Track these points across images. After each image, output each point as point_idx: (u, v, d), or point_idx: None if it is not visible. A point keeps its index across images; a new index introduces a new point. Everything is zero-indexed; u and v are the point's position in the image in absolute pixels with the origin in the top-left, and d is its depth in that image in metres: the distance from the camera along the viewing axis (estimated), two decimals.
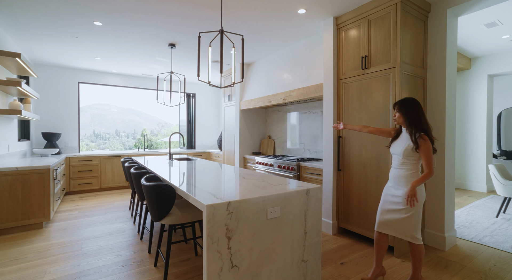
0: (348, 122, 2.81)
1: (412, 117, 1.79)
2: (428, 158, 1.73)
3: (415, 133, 1.77)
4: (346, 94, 2.82)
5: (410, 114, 1.80)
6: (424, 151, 1.73)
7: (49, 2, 2.59)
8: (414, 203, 1.77)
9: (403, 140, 1.86)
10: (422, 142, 1.74)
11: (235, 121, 4.96)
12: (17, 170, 2.89)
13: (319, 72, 3.28)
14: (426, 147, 1.73)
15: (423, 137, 1.74)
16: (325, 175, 3.00)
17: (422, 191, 1.83)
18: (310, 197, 1.78)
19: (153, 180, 2.11)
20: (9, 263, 2.23)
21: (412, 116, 1.80)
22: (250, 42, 3.72)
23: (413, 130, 1.78)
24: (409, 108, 1.81)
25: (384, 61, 2.44)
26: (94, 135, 14.58)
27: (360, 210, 2.68)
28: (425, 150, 1.73)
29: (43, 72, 4.83)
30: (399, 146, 1.87)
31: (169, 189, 1.85)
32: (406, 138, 1.84)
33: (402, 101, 1.86)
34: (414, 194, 1.75)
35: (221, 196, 1.53)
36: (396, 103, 1.89)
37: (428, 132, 1.78)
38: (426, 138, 1.74)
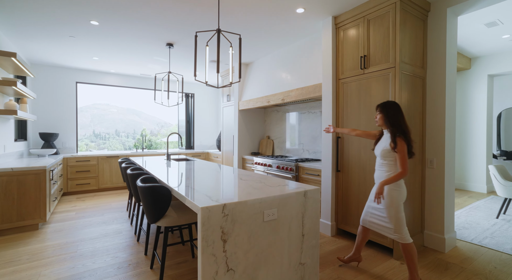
0: (347, 122, 2.78)
1: (392, 119, 1.89)
2: (401, 157, 1.81)
3: (395, 133, 1.86)
4: (345, 94, 2.80)
5: (391, 116, 1.90)
6: (399, 150, 1.82)
7: (45, 0, 2.56)
8: (380, 200, 1.87)
9: (383, 141, 1.96)
10: (398, 141, 1.83)
11: (234, 121, 4.93)
12: (13, 170, 2.86)
13: (318, 72, 3.25)
14: (400, 147, 1.82)
15: (400, 138, 1.84)
16: (323, 176, 2.97)
17: (400, 191, 1.88)
18: (308, 198, 1.75)
19: (149, 181, 2.08)
20: (3, 266, 2.19)
21: (392, 118, 1.89)
22: (248, 42, 3.69)
23: (393, 131, 1.88)
24: (390, 110, 1.91)
25: (383, 61, 2.42)
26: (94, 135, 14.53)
27: (359, 212, 2.65)
28: (399, 150, 1.82)
29: (40, 72, 4.80)
30: (379, 147, 1.98)
31: (165, 190, 1.83)
32: (386, 139, 1.94)
33: (384, 103, 1.96)
34: (381, 192, 1.84)
35: (217, 198, 1.50)
36: (378, 105, 1.99)
37: (407, 134, 1.86)
38: (402, 139, 1.83)
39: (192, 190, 1.72)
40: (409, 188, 2.43)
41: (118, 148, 8.89)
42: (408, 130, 1.88)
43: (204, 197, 1.53)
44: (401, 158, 1.81)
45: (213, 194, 1.59)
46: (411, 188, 2.46)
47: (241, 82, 4.83)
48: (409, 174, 2.43)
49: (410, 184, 2.44)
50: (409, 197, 2.43)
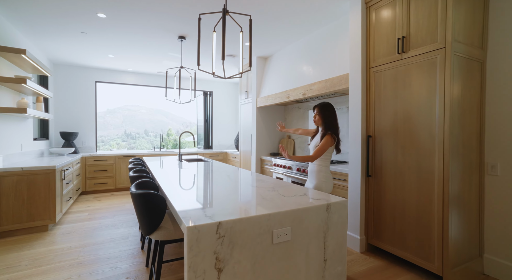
0: (380, 119, 2.33)
1: (328, 120, 2.12)
2: (320, 148, 2.05)
3: (326, 131, 2.09)
4: (377, 85, 2.35)
5: (327, 117, 2.12)
6: (323, 141, 2.05)
7: None
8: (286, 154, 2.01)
9: (317, 137, 2.17)
10: (326, 136, 2.05)
11: (252, 119, 4.62)
12: (23, 170, 2.80)
13: (344, 62, 2.82)
14: (326, 140, 2.05)
15: (328, 135, 2.06)
16: (351, 182, 2.54)
17: (328, 183, 2.12)
18: (332, 213, 1.38)
19: (147, 186, 1.83)
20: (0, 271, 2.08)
21: (329, 119, 2.12)
22: (266, 33, 3.35)
23: (325, 129, 2.11)
24: (327, 112, 2.13)
25: (428, 41, 1.94)
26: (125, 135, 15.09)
27: (396, 226, 2.20)
28: (324, 142, 2.05)
29: (61, 72, 4.87)
30: (313, 143, 2.19)
31: (159, 198, 1.55)
32: (319, 136, 2.15)
33: (322, 105, 2.15)
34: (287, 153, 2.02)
35: (213, 212, 1.19)
36: (316, 106, 2.17)
37: (337, 133, 2.12)
38: (330, 136, 2.05)
39: (185, 200, 1.42)
40: (461, 198, 1.93)
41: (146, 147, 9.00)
42: (338, 131, 2.14)
43: (196, 211, 1.22)
44: (320, 148, 2.05)
45: (210, 207, 1.28)
46: (463, 198, 1.96)
47: (259, 77, 4.51)
48: (459, 182, 1.94)
49: (461, 193, 1.94)
50: (459, 210, 1.93)
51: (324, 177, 2.11)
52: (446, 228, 1.86)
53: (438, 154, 1.89)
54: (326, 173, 2.12)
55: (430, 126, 1.94)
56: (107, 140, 13.79)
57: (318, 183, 2.11)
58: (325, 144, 2.04)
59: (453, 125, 1.85)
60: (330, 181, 2.13)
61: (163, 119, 15.89)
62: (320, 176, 2.11)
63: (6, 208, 2.75)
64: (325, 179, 2.11)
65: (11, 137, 3.13)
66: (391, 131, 2.23)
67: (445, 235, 1.86)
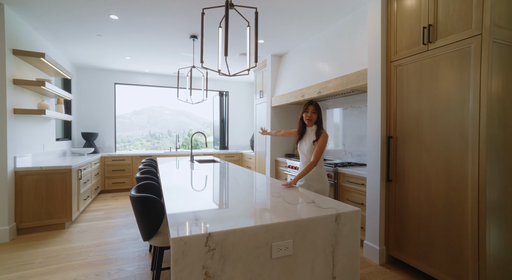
0: (402, 118, 2.10)
1: (321, 117, 2.07)
2: (319, 148, 1.95)
3: (319, 129, 2.03)
4: (399, 81, 2.12)
5: (321, 115, 2.08)
6: (320, 141, 1.97)
7: None
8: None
9: (309, 138, 2.07)
10: (323, 134, 1.98)
11: (266, 119, 4.49)
12: (41, 169, 2.90)
13: (362, 56, 2.60)
14: (324, 138, 1.98)
15: (323, 132, 2.00)
16: (369, 186, 2.33)
17: (324, 186, 2.03)
18: (342, 225, 1.22)
19: (148, 189, 1.78)
20: (15, 268, 2.14)
21: (321, 116, 2.08)
22: (280, 29, 3.21)
23: (319, 127, 2.05)
24: (320, 109, 2.09)
25: (460, 28, 1.70)
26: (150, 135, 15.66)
27: (421, 237, 1.96)
28: (323, 140, 1.97)
29: (83, 74, 5.07)
30: (305, 144, 2.08)
31: (158, 203, 1.48)
32: (311, 135, 2.06)
33: (316, 102, 2.09)
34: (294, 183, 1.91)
35: (206, 220, 1.08)
36: (311, 103, 2.07)
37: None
38: (326, 133, 2.00)
39: (180, 206, 1.33)
40: (501, 208, 1.67)
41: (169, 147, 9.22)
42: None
43: (188, 218, 1.12)
44: (321, 148, 1.95)
45: (205, 213, 1.18)
46: (505, 208, 1.69)
47: (273, 76, 4.37)
48: (499, 189, 1.67)
49: (502, 202, 1.67)
50: (500, 221, 1.67)
51: (325, 178, 2.07)
52: (482, 241, 1.61)
53: (472, 158, 1.64)
54: (324, 174, 2.08)
55: (462, 126, 1.69)
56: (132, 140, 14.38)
57: (322, 185, 2.03)
58: (324, 142, 1.97)
59: (491, 124, 1.60)
60: (327, 183, 2.09)
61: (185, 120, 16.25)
62: (322, 177, 2.05)
63: (27, 205, 2.86)
64: (326, 180, 2.07)
65: (34, 138, 3.27)
66: (415, 131, 2.00)
67: (481, 249, 1.61)
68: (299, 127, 2.14)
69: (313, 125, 2.08)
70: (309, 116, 2.04)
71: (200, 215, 1.16)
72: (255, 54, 1.77)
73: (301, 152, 2.12)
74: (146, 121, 16.59)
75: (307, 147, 2.05)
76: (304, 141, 2.09)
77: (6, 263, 2.24)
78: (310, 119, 2.04)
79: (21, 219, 2.84)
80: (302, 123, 2.12)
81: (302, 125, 2.12)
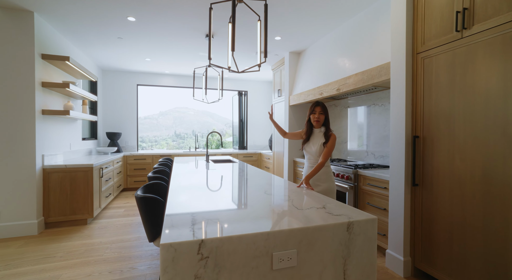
0: (430, 116, 1.89)
1: (328, 119, 2.04)
2: (328, 150, 1.93)
3: (328, 131, 2.01)
4: (427, 74, 1.90)
5: (328, 116, 2.04)
6: (330, 143, 1.94)
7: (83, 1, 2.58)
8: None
9: (317, 139, 2.03)
10: (332, 137, 1.97)
11: (284, 118, 4.37)
12: (66, 167, 3.05)
13: (384, 49, 2.40)
14: (334, 139, 1.96)
15: (333, 134, 1.99)
16: (392, 190, 2.13)
17: (332, 182, 2.04)
18: (355, 235, 1.08)
19: (155, 189, 1.76)
20: (38, 261, 2.25)
21: (328, 117, 2.05)
22: (298, 25, 3.08)
23: (327, 129, 2.02)
24: (327, 110, 2.05)
25: (504, 9, 1.47)
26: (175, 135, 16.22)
27: (453, 250, 1.74)
28: (333, 142, 1.95)
29: (108, 77, 5.30)
30: (313, 146, 2.04)
31: (162, 204, 1.45)
32: (319, 137, 2.03)
33: (323, 103, 2.03)
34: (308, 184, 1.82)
35: (203, 225, 1.01)
36: (318, 105, 2.02)
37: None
38: (334, 135, 1.98)
39: (181, 207, 1.27)
40: None
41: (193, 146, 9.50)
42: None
43: (184, 221, 1.05)
44: (330, 150, 1.94)
45: (202, 218, 1.11)
46: None
47: (291, 74, 4.23)
48: None
49: None
50: None
51: (332, 177, 2.07)
52: None
53: None
54: (331, 173, 2.08)
55: (505, 124, 1.46)
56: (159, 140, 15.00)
57: (330, 184, 2.03)
58: (333, 144, 1.97)
59: None
60: (334, 181, 2.09)
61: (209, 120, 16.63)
62: (329, 176, 2.05)
63: (53, 201, 3.02)
64: (333, 179, 2.07)
65: (61, 137, 3.45)
66: (446, 130, 1.78)
67: None
68: (306, 129, 2.11)
69: (321, 126, 2.05)
70: (317, 117, 2.01)
71: (198, 217, 1.10)
72: (265, 50, 1.68)
73: (308, 153, 2.10)
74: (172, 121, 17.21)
75: (315, 149, 2.03)
76: (312, 143, 2.06)
77: (31, 255, 2.37)
78: (318, 120, 2.01)
79: (48, 214, 3.00)
80: (310, 125, 2.09)
81: (309, 126, 2.09)
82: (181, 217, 1.11)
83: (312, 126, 2.08)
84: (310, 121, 2.08)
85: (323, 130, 2.03)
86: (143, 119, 16.22)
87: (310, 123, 2.09)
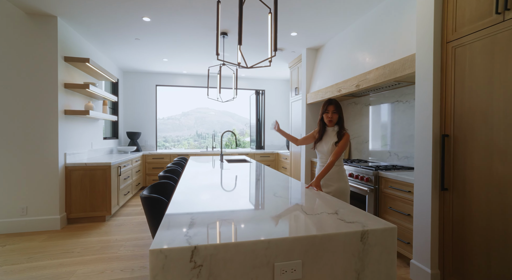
0: (463, 111, 1.68)
1: (343, 117, 1.94)
2: (340, 149, 1.85)
3: (341, 130, 1.92)
4: (459, 65, 1.69)
5: (342, 114, 1.94)
6: (342, 142, 1.86)
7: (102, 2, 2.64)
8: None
9: (329, 139, 1.95)
10: (345, 136, 1.87)
11: (302, 117, 4.22)
12: (86, 165, 3.15)
13: (409, 40, 2.20)
14: (347, 139, 1.87)
15: (346, 133, 1.89)
16: (418, 194, 1.93)
17: (346, 183, 1.92)
18: (370, 246, 0.96)
19: (162, 189, 1.73)
20: (57, 255, 2.33)
21: (343, 116, 1.94)
22: (315, 19, 2.94)
23: (341, 128, 1.93)
24: (341, 108, 1.93)
25: None
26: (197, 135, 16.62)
27: (492, 265, 1.53)
28: (345, 141, 1.86)
29: (128, 78, 5.47)
30: (325, 145, 1.96)
31: (165, 204, 1.40)
32: (332, 136, 1.94)
33: (336, 101, 1.92)
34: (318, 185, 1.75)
35: (200, 229, 0.94)
36: (331, 103, 1.92)
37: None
38: (348, 134, 1.89)
39: (178, 208, 1.21)
40: None
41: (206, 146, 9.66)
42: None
43: (181, 224, 0.99)
44: (341, 149, 1.85)
45: (200, 221, 1.04)
46: None
47: (309, 71, 4.08)
48: None
49: None
50: None
51: (345, 177, 1.96)
52: None
53: None
54: (345, 173, 1.98)
55: None
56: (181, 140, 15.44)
57: (342, 184, 1.92)
58: (346, 144, 1.87)
59: None
60: (347, 182, 1.98)
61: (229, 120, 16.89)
62: (342, 176, 1.94)
63: (75, 197, 3.14)
64: (346, 179, 1.96)
65: (83, 136, 3.59)
66: (482, 127, 1.57)
67: None
68: (319, 128, 2.02)
69: (334, 125, 1.96)
70: (330, 117, 1.92)
71: (197, 219, 1.03)
72: (275, 43, 1.58)
73: (320, 152, 2.02)
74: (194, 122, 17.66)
75: (327, 148, 1.94)
76: (324, 142, 1.98)
77: (52, 249, 2.46)
78: (331, 120, 1.92)
79: (70, 210, 3.12)
80: (323, 124, 2.00)
81: (322, 125, 2.00)
82: (180, 219, 1.05)
83: (325, 125, 2.00)
84: (323, 120, 1.99)
85: (336, 129, 1.95)
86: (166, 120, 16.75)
87: (323, 122, 2.01)
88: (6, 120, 2.85)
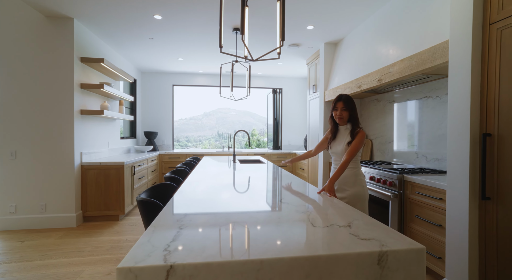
0: (511, 106, 1.40)
1: (355, 114, 1.77)
2: (354, 148, 1.68)
3: (355, 128, 1.75)
4: (506, 51, 1.42)
5: (354, 111, 1.77)
6: (357, 140, 1.68)
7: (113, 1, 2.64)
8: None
9: (342, 138, 1.80)
10: (360, 134, 1.70)
11: (319, 116, 4.00)
12: (100, 164, 3.19)
13: (440, 25, 1.92)
14: (361, 137, 1.69)
15: (361, 131, 1.72)
16: (451, 203, 1.67)
17: (363, 187, 1.74)
18: (390, 271, 0.77)
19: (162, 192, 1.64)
20: (68, 254, 2.34)
21: (355, 112, 1.77)
22: (333, 10, 2.73)
23: (354, 125, 1.76)
24: (353, 104, 1.77)
25: None
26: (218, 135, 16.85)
27: None
28: (360, 139, 1.68)
29: (146, 78, 5.55)
30: (338, 145, 1.81)
31: (161, 208, 1.30)
32: (345, 135, 1.79)
33: (346, 97, 1.77)
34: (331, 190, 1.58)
35: (182, 243, 0.81)
36: (340, 99, 1.77)
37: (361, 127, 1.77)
38: (363, 132, 1.72)
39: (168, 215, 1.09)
40: None
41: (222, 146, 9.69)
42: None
43: (163, 235, 0.86)
44: (354, 148, 1.67)
45: (186, 234, 0.91)
46: None
47: (327, 67, 3.84)
48: None
49: None
50: None
51: (362, 180, 1.76)
52: None
53: None
54: (362, 176, 1.78)
55: None
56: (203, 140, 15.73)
57: (360, 189, 1.72)
58: (361, 142, 1.67)
59: None
60: (365, 185, 1.78)
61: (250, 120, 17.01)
62: (359, 179, 1.74)
63: (90, 196, 3.19)
64: (364, 183, 1.76)
65: (99, 136, 3.65)
66: None
67: None
68: (331, 127, 1.86)
69: (346, 123, 1.78)
70: (339, 114, 1.76)
71: (184, 228, 0.90)
72: (282, 32, 1.42)
73: (334, 153, 1.85)
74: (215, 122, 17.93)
75: (341, 148, 1.76)
76: (338, 141, 1.81)
77: (65, 247, 2.49)
78: (341, 117, 1.76)
79: (86, 208, 3.18)
80: (334, 122, 1.84)
81: (334, 124, 1.84)
82: (166, 225, 0.93)
83: (337, 123, 1.82)
84: (334, 118, 1.83)
85: (349, 128, 1.77)
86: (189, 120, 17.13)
87: (334, 120, 1.84)
88: (25, 121, 2.95)
